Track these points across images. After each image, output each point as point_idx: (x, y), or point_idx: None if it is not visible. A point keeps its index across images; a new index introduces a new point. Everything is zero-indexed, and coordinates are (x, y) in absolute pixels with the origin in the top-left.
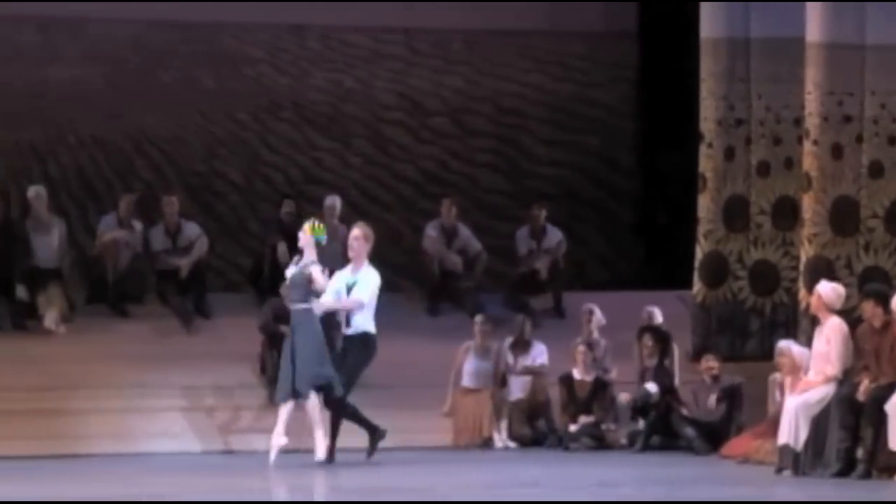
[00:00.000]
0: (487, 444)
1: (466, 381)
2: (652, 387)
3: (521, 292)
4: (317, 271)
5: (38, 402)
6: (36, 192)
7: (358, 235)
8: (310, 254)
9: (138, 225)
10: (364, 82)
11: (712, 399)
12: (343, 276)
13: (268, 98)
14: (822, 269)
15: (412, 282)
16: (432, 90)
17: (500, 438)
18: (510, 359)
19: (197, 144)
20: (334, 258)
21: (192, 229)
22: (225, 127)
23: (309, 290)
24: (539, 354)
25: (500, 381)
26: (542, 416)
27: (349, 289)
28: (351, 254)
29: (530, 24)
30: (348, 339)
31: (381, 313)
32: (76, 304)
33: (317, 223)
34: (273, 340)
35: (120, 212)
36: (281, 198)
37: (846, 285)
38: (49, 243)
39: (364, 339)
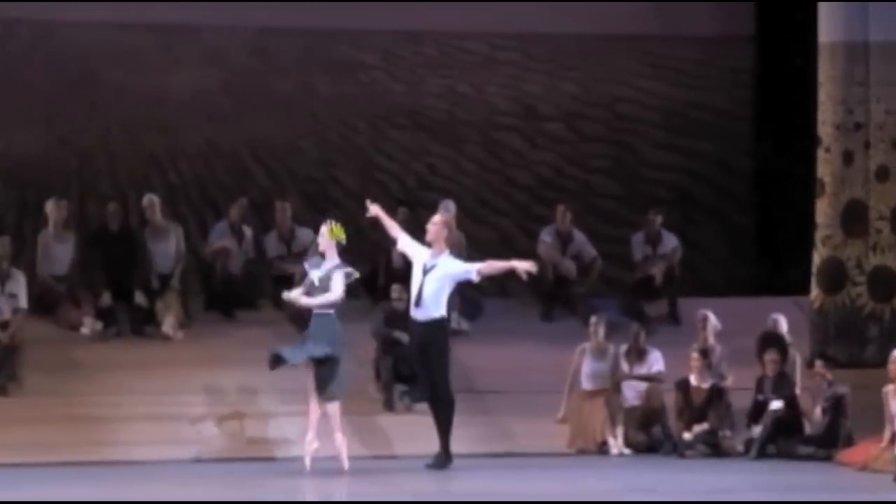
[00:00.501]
0: (602, 449)
1: (585, 384)
2: (777, 404)
3: (636, 298)
4: (339, 279)
5: (158, 406)
6: (149, 200)
7: (437, 220)
8: (332, 256)
9: (249, 231)
10: (478, 88)
11: (818, 410)
12: (421, 256)
13: (382, 104)
14: None
15: (527, 287)
16: (547, 95)
17: (616, 444)
18: (625, 366)
19: (312, 151)
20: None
21: (305, 235)
22: (340, 133)
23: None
24: (655, 361)
25: (615, 387)
26: (658, 422)
27: (426, 271)
28: (428, 237)
29: (645, 29)
30: (421, 324)
31: (494, 319)
32: (193, 310)
33: (334, 224)
34: (387, 346)
35: (231, 218)
36: (396, 204)
37: None
38: (166, 250)
39: (441, 324)
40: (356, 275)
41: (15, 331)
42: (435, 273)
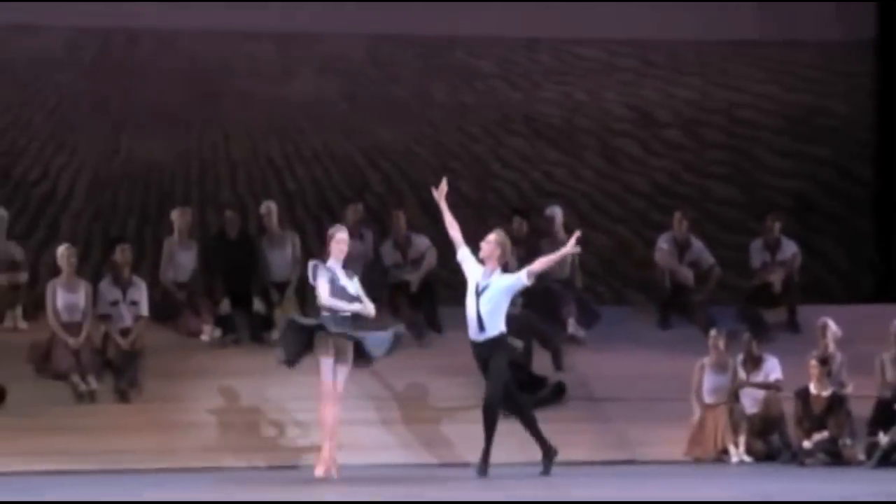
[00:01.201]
0: (721, 458)
1: (707, 398)
2: None
3: (754, 305)
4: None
5: (278, 413)
6: (266, 207)
7: (490, 240)
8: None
9: (369, 234)
10: (595, 94)
11: None
12: (475, 276)
13: (499, 111)
14: None
15: (643, 295)
16: (664, 101)
17: (737, 453)
18: (742, 374)
19: (429, 158)
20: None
21: (421, 242)
22: (457, 140)
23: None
24: (772, 369)
25: (735, 395)
26: (776, 430)
27: (479, 293)
28: (482, 255)
29: (763, 34)
30: (483, 345)
31: (612, 326)
32: (310, 316)
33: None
34: None
35: (347, 222)
36: (512, 213)
37: None
38: (283, 257)
39: (501, 339)
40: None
41: (136, 337)
42: (488, 294)
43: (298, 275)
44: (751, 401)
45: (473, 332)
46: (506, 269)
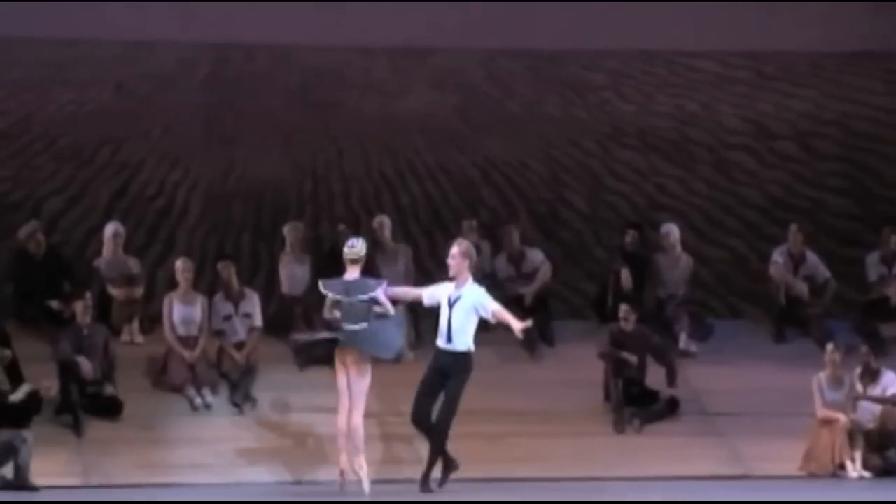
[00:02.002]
0: (837, 473)
1: (822, 413)
2: None
3: (871, 318)
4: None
5: (389, 426)
6: (379, 221)
7: (455, 254)
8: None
9: (486, 246)
10: (708, 107)
11: None
12: (446, 291)
13: (612, 125)
14: None
15: (758, 308)
16: (778, 113)
17: (854, 468)
18: (859, 387)
19: (542, 172)
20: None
21: (535, 256)
22: (570, 154)
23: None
24: (890, 384)
25: (853, 409)
26: (893, 445)
27: (451, 304)
28: (451, 273)
29: (881, 45)
30: (449, 355)
31: (726, 340)
32: (423, 330)
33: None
34: (617, 367)
35: (464, 235)
36: (625, 226)
37: None
38: (396, 271)
39: (468, 358)
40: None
41: (250, 350)
42: (460, 305)
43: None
44: (868, 415)
45: (442, 340)
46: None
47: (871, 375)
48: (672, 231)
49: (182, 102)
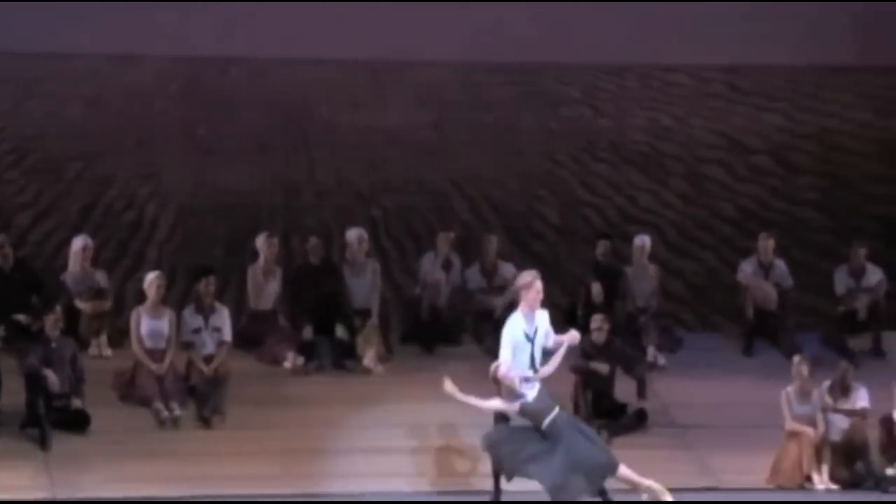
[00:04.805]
0: (804, 486)
1: (789, 426)
2: None
3: (840, 332)
4: None
5: (363, 440)
6: (358, 234)
7: (540, 288)
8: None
9: (457, 261)
10: (682, 121)
11: None
12: (520, 325)
13: (586, 138)
14: None
15: (730, 321)
16: (753, 127)
17: (821, 480)
18: (829, 400)
19: (516, 185)
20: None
21: (507, 269)
22: (544, 167)
23: None
24: (860, 398)
25: (822, 421)
26: (861, 458)
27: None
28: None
29: (854, 59)
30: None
31: (697, 352)
32: (392, 344)
33: None
34: (587, 379)
35: (439, 249)
36: (597, 237)
37: None
38: (364, 284)
39: None
40: None
41: (219, 364)
42: (541, 333)
43: (382, 302)
44: (836, 429)
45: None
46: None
47: (842, 389)
48: (646, 243)
49: (156, 116)
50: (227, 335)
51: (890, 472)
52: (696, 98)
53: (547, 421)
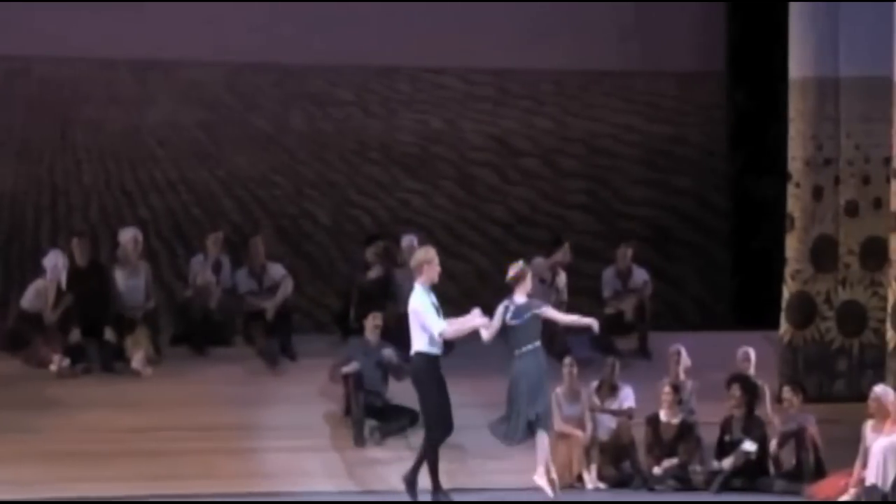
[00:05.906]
0: (574, 485)
1: (558, 427)
2: (749, 445)
3: (607, 333)
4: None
5: (130, 443)
6: (133, 235)
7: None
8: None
9: (227, 262)
10: (453, 123)
11: (773, 444)
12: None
13: (356, 140)
14: None
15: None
16: (522, 131)
17: (591, 479)
18: (596, 400)
19: (286, 186)
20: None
21: (276, 270)
22: (314, 168)
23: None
24: (626, 398)
25: (590, 421)
26: (628, 457)
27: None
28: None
29: (620, 64)
30: None
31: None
32: (162, 345)
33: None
34: (359, 381)
35: (208, 250)
36: (368, 239)
37: None
38: (136, 286)
39: None
40: None
41: None
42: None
43: (153, 304)
44: (604, 428)
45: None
46: None
47: (609, 388)
48: (414, 243)
49: None
50: None
51: (656, 470)
52: (465, 101)
53: None
